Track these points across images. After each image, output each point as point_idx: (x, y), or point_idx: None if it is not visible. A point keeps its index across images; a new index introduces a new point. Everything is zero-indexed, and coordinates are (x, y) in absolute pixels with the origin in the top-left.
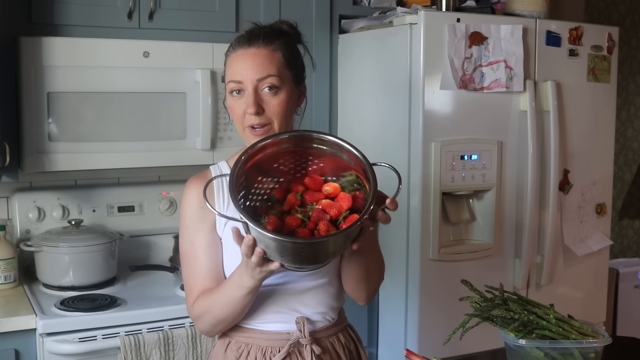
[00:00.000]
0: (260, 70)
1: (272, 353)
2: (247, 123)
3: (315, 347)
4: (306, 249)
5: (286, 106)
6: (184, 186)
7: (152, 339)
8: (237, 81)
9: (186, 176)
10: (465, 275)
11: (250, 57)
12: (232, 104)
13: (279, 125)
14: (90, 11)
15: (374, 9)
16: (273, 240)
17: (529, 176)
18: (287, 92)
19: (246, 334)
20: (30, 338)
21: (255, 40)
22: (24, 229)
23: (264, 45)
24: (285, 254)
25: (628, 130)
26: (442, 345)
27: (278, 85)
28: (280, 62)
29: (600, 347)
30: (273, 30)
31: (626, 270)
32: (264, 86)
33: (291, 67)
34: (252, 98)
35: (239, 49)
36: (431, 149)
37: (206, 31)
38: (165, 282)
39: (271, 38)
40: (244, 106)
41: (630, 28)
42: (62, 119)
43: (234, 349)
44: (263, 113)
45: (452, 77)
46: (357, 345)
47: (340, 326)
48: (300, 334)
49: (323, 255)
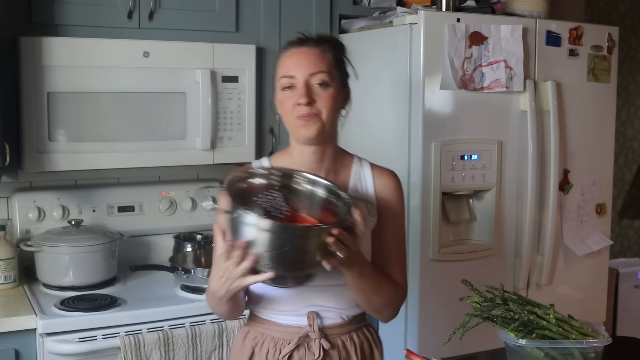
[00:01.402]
0: (311, 67)
1: (283, 344)
2: (297, 114)
3: (324, 342)
4: (293, 239)
5: (335, 100)
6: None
7: (152, 339)
8: (289, 76)
9: (186, 176)
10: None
11: (302, 54)
12: (282, 98)
13: (326, 116)
14: (90, 11)
15: (374, 9)
16: (266, 230)
17: (529, 176)
18: (335, 89)
19: (263, 324)
20: (30, 338)
21: (306, 42)
22: (24, 229)
23: (315, 45)
24: (273, 247)
25: (628, 130)
26: (442, 345)
27: (328, 82)
28: (330, 62)
29: (600, 347)
30: (322, 37)
31: (626, 270)
32: (315, 81)
33: (339, 68)
34: (304, 90)
35: (291, 48)
36: (431, 149)
37: (206, 31)
38: (165, 282)
39: (321, 41)
40: (294, 98)
41: (630, 28)
42: (62, 119)
43: (251, 338)
44: (314, 104)
45: (452, 77)
46: (372, 347)
47: (356, 325)
48: (310, 328)
49: (303, 256)
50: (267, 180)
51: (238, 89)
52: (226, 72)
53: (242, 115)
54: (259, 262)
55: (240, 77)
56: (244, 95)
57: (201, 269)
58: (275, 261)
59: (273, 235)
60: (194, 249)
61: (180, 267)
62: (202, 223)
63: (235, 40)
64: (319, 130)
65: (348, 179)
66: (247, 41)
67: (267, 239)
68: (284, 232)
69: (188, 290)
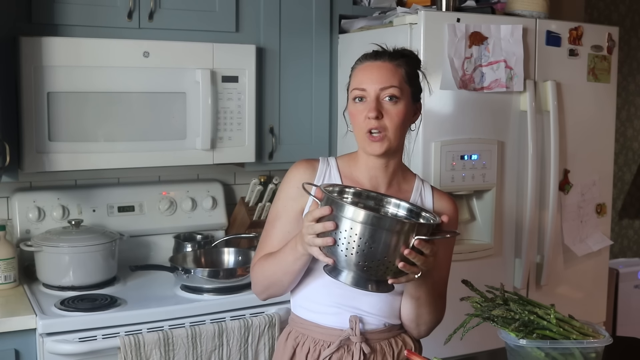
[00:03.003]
0: (383, 81)
1: (323, 346)
2: (366, 127)
3: (364, 346)
4: (379, 231)
5: (403, 117)
6: (293, 165)
7: (152, 339)
8: (361, 89)
9: (186, 176)
10: (466, 275)
11: (376, 69)
12: (353, 110)
13: (393, 133)
14: (90, 11)
15: (374, 9)
16: (360, 221)
17: (529, 176)
18: (405, 104)
19: (305, 325)
20: (30, 338)
21: (381, 55)
22: (24, 229)
23: (389, 60)
24: (361, 235)
25: (628, 130)
26: (443, 346)
27: (398, 96)
28: (402, 77)
29: (601, 347)
30: (397, 51)
31: (626, 270)
32: (385, 95)
33: (411, 83)
34: (374, 104)
35: (365, 62)
36: (431, 149)
37: (206, 31)
38: (165, 282)
39: (396, 56)
40: (365, 112)
41: (630, 28)
42: (62, 119)
43: (292, 338)
44: (382, 118)
45: (452, 77)
46: None
47: (396, 332)
48: (351, 331)
49: (387, 251)
50: (357, 198)
51: (238, 89)
52: (226, 72)
53: (242, 115)
54: (343, 247)
55: (240, 77)
56: (244, 95)
57: (201, 269)
58: (359, 251)
59: (365, 226)
60: (194, 249)
61: (180, 267)
62: (202, 223)
63: (235, 40)
64: (386, 149)
65: (409, 193)
66: (247, 41)
67: (359, 228)
68: (376, 224)
69: (188, 290)
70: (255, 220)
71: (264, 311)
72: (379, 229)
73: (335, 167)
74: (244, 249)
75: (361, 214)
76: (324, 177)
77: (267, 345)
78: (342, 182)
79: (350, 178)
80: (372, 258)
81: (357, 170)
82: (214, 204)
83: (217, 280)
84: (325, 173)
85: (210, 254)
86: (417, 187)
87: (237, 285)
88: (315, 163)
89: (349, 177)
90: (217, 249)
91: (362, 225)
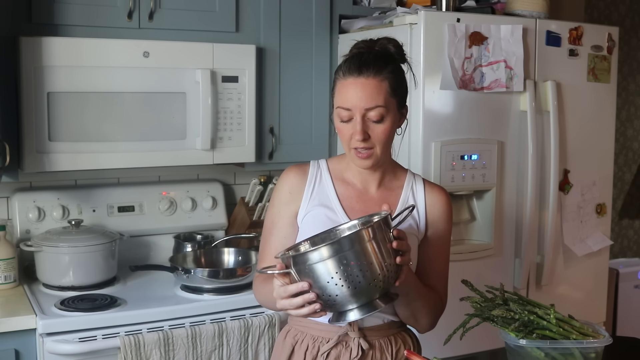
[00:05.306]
0: (368, 101)
1: (322, 342)
2: (353, 146)
3: (362, 342)
4: (351, 250)
5: (389, 133)
6: (283, 171)
7: (152, 339)
8: (346, 108)
9: (186, 176)
10: (465, 275)
11: (360, 87)
12: (340, 127)
13: (381, 149)
14: (90, 11)
15: (374, 9)
16: (323, 258)
17: (529, 176)
18: (391, 119)
19: (303, 323)
20: (30, 338)
21: (365, 69)
22: (24, 229)
23: (374, 74)
24: (337, 268)
25: (628, 130)
26: (443, 346)
27: (384, 115)
28: (387, 92)
29: (600, 347)
30: (381, 56)
31: (626, 270)
32: (371, 116)
33: (396, 94)
34: (360, 126)
35: (349, 77)
36: (431, 149)
37: (206, 31)
38: (165, 282)
39: (380, 67)
40: (351, 131)
41: (630, 28)
42: (62, 119)
43: (291, 336)
44: (369, 139)
45: (452, 77)
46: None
47: (396, 330)
48: (349, 327)
49: (370, 261)
50: (314, 245)
51: (238, 89)
52: (226, 72)
53: (242, 115)
54: (335, 292)
55: (240, 77)
56: (244, 95)
57: (201, 269)
58: (349, 278)
59: (331, 258)
60: (194, 249)
61: (180, 267)
62: (202, 223)
63: (235, 40)
64: (373, 164)
65: (400, 190)
66: (247, 41)
67: (327, 264)
68: (338, 249)
69: (188, 290)
70: (255, 220)
71: (264, 311)
72: (359, 245)
73: (326, 170)
74: (244, 249)
75: (336, 245)
76: (315, 180)
77: (267, 345)
78: (334, 184)
79: (341, 179)
80: (372, 275)
81: (348, 172)
82: (214, 204)
83: (217, 280)
84: (316, 176)
85: (210, 254)
86: (408, 182)
87: (237, 285)
88: (306, 167)
89: (340, 179)
90: (217, 249)
91: (346, 252)
